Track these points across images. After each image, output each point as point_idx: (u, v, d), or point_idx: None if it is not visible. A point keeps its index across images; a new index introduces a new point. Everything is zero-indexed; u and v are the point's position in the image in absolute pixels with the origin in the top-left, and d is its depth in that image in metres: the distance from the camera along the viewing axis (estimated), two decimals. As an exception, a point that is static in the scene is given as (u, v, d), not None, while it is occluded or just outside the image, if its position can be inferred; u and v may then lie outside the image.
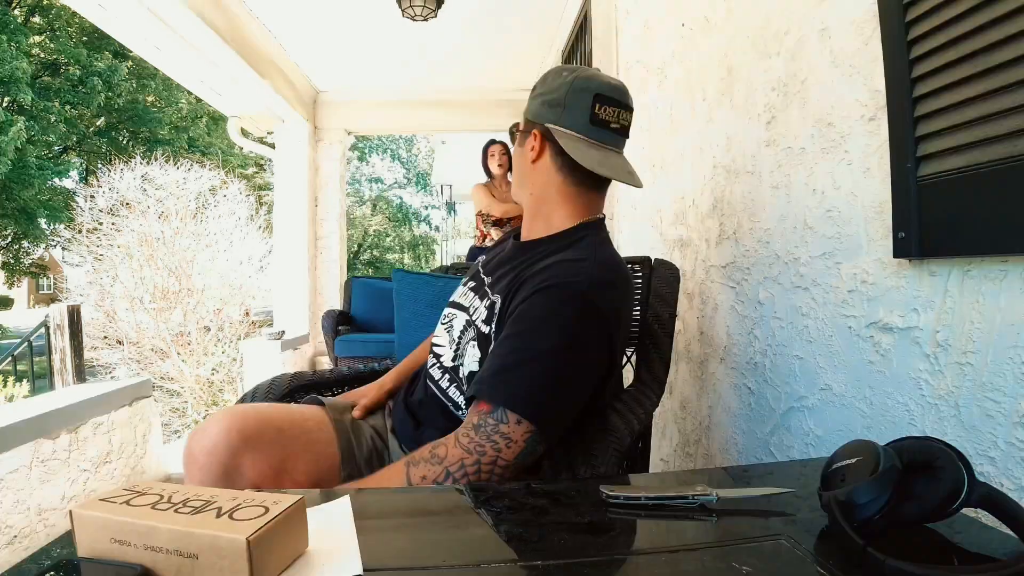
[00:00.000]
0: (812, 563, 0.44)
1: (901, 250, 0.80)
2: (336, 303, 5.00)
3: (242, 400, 1.07)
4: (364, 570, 0.43)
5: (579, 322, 0.76)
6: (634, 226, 2.24)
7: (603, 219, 0.94)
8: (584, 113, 0.84)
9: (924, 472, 0.47)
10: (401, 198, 22.86)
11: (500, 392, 0.73)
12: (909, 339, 0.82)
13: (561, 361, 0.75)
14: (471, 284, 0.97)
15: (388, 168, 22.44)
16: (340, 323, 3.87)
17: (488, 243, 3.74)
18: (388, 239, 22.57)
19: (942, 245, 0.74)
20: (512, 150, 0.87)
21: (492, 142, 3.77)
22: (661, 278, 1.23)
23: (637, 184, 0.87)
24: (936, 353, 0.77)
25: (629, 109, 0.88)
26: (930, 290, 0.78)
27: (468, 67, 4.44)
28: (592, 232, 0.89)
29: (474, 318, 0.88)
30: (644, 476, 0.98)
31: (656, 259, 1.27)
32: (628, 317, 0.84)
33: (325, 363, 4.63)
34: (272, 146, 4.96)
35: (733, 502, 0.55)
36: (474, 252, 3.82)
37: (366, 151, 21.31)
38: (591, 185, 0.90)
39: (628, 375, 1.22)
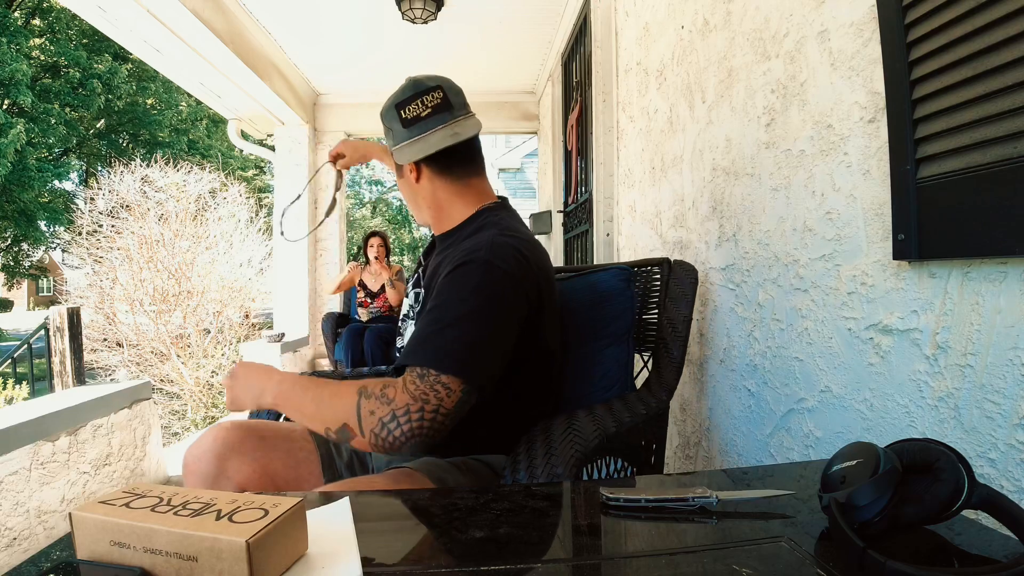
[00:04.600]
0: (812, 565, 0.44)
1: (901, 252, 0.80)
2: (336, 305, 5.00)
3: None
4: (364, 572, 0.43)
5: (486, 286, 0.83)
6: (633, 228, 2.24)
7: (500, 201, 1.03)
8: (401, 123, 0.95)
9: (924, 474, 0.47)
10: (401, 200, 22.84)
11: (423, 356, 0.79)
12: (909, 341, 0.82)
13: (475, 322, 0.81)
14: (412, 285, 1.09)
15: (388, 171, 22.36)
16: (339, 325, 3.87)
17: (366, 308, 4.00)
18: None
19: (942, 247, 0.74)
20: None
21: (373, 234, 4.01)
22: (677, 279, 1.23)
23: (475, 129, 0.98)
24: (936, 355, 0.77)
25: (427, 90, 0.95)
26: (930, 292, 0.78)
27: (468, 70, 4.44)
28: (491, 214, 0.98)
29: (415, 308, 1.02)
30: (644, 478, 0.98)
31: (675, 260, 1.27)
32: (538, 273, 0.92)
33: (325, 365, 4.63)
34: (272, 148, 4.97)
35: (733, 504, 0.55)
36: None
37: (366, 153, 21.29)
38: (465, 174, 1.00)
39: (640, 380, 1.22)
